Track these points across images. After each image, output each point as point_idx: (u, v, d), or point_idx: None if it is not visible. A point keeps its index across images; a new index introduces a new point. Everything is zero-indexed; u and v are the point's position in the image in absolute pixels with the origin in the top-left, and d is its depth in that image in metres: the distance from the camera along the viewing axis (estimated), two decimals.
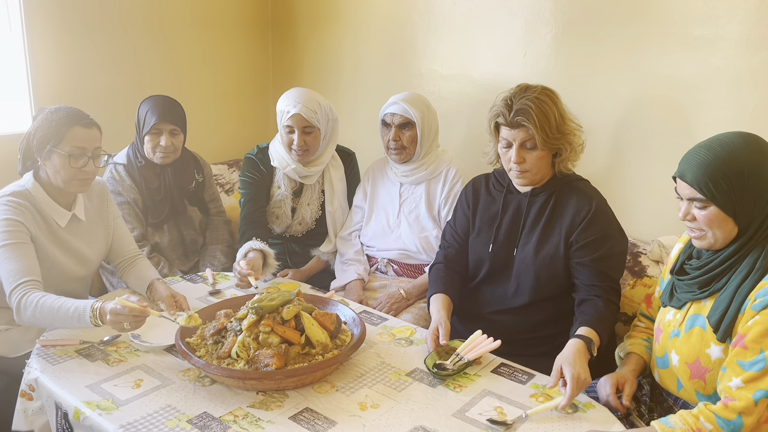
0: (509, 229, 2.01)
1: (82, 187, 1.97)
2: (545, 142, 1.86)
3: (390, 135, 2.40)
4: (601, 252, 1.89)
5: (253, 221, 2.50)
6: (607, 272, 1.89)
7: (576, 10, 2.46)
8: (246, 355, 1.61)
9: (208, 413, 1.50)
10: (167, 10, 3.13)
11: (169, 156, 2.47)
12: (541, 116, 1.83)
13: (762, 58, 2.08)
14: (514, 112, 1.85)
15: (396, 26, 3.04)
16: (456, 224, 2.16)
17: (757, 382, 1.36)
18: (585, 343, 1.71)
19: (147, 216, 2.54)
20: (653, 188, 2.37)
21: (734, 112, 2.15)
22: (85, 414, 1.48)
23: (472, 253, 2.10)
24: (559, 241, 1.93)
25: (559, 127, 1.88)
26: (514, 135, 1.87)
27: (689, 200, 1.49)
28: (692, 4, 2.18)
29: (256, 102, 3.63)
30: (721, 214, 1.44)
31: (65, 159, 1.89)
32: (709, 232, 1.47)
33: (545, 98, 1.87)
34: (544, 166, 1.93)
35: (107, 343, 1.80)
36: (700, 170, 1.44)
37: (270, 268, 2.26)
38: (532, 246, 1.96)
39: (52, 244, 1.98)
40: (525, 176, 1.93)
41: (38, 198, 1.95)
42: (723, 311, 1.45)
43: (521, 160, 1.89)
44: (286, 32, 3.52)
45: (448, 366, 1.70)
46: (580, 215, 1.91)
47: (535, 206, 1.98)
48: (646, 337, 1.78)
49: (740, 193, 1.42)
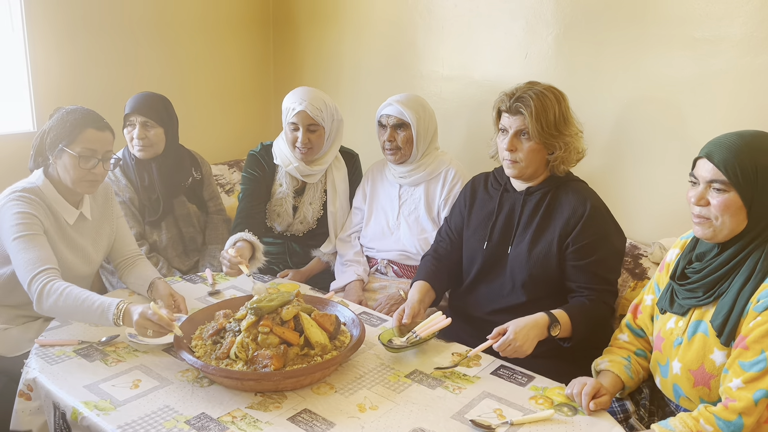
0: (504, 227, 2.02)
1: (90, 188, 2.00)
2: (539, 135, 1.87)
3: (385, 136, 2.41)
4: (597, 255, 1.88)
5: (248, 216, 2.49)
6: (602, 275, 1.89)
7: (577, 11, 2.45)
8: (245, 356, 1.60)
9: (206, 414, 1.49)
10: (169, 10, 3.13)
11: (146, 149, 2.46)
12: (539, 107, 1.86)
13: (764, 60, 2.07)
14: (515, 99, 1.89)
15: (397, 27, 3.03)
16: (451, 221, 2.18)
17: (757, 383, 1.35)
18: (547, 319, 1.76)
19: (144, 215, 2.54)
20: (654, 190, 2.37)
21: (735, 114, 2.14)
22: (83, 414, 1.48)
23: (467, 249, 2.10)
24: (552, 240, 1.92)
25: (557, 124, 1.89)
26: (511, 122, 1.90)
27: (708, 183, 1.45)
28: (694, 6, 2.18)
29: (257, 103, 3.63)
30: (738, 201, 1.42)
31: (75, 159, 1.92)
32: (719, 220, 1.44)
33: (549, 94, 1.89)
34: (537, 160, 1.93)
35: (105, 344, 1.80)
36: (731, 153, 1.42)
37: (257, 262, 2.24)
38: (526, 244, 1.95)
39: (60, 242, 2.00)
40: (515, 167, 1.94)
41: (48, 195, 1.98)
42: (726, 315, 1.44)
43: (513, 148, 1.91)
44: (287, 33, 3.52)
45: (397, 343, 1.79)
46: (575, 216, 1.90)
47: (530, 204, 1.98)
48: (626, 355, 1.71)
49: (762, 185, 1.40)
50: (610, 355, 1.72)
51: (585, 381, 1.58)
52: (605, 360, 1.70)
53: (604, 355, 1.74)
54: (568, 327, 1.79)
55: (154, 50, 3.11)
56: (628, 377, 1.65)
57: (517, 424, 1.49)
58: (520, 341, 1.69)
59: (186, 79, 3.25)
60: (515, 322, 1.74)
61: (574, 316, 1.81)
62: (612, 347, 1.76)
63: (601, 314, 1.89)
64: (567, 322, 1.79)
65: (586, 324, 1.82)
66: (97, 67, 2.91)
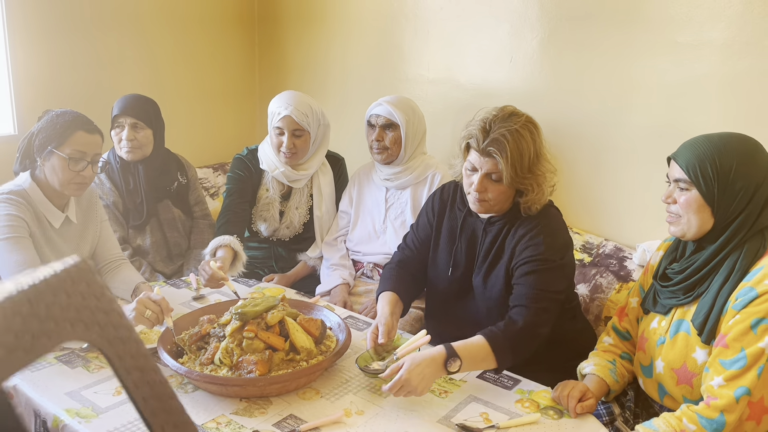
0: (467, 253, 1.91)
1: (77, 191, 1.99)
2: (512, 181, 1.71)
3: (374, 135, 2.41)
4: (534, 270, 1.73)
5: (233, 212, 2.47)
6: (541, 286, 1.72)
7: (562, 16, 2.47)
8: (229, 362, 1.59)
9: None
10: (151, 11, 3.10)
11: (135, 151, 2.44)
12: (515, 152, 1.68)
13: (745, 64, 2.09)
14: (489, 141, 1.70)
15: (383, 30, 3.03)
16: (418, 229, 2.05)
17: (738, 380, 1.37)
18: (444, 354, 1.56)
19: (128, 219, 2.51)
20: (638, 193, 2.38)
21: (718, 118, 2.16)
22: (64, 422, 1.45)
23: (434, 266, 1.98)
24: (502, 272, 1.81)
25: (531, 166, 1.73)
26: (482, 163, 1.73)
27: (675, 182, 1.53)
28: (676, 11, 2.20)
29: (241, 105, 3.61)
30: (700, 200, 1.47)
31: (65, 162, 1.91)
32: (685, 218, 1.50)
33: (525, 133, 1.71)
34: (505, 200, 1.79)
35: (87, 350, 1.77)
36: (693, 154, 1.49)
37: (236, 270, 2.22)
38: (482, 277, 1.87)
39: (45, 246, 1.98)
40: (483, 205, 1.79)
41: (35, 198, 1.97)
42: (706, 313, 1.46)
43: (483, 189, 1.75)
44: (272, 33, 3.50)
45: (375, 366, 1.66)
46: (521, 243, 1.78)
47: (490, 235, 1.86)
48: (612, 359, 1.70)
49: (723, 186, 1.45)
50: (596, 358, 1.72)
51: (571, 384, 1.58)
52: (590, 363, 1.70)
53: (590, 358, 1.74)
54: (483, 355, 1.62)
55: (137, 50, 3.08)
56: (613, 381, 1.66)
57: (503, 427, 1.48)
58: (414, 382, 1.50)
59: (169, 80, 3.22)
60: (411, 358, 1.54)
61: (495, 340, 1.63)
62: (597, 351, 1.77)
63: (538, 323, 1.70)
64: (483, 349, 1.61)
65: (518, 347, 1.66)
66: (79, 69, 2.88)
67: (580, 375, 1.72)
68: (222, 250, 2.19)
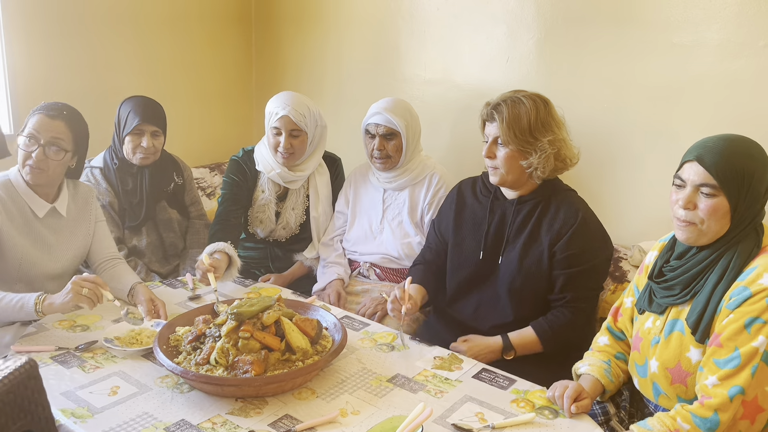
0: (495, 235, 2.01)
1: (33, 176, 1.99)
2: (513, 141, 1.88)
3: (374, 144, 2.39)
4: (579, 267, 1.91)
5: (226, 220, 2.47)
6: (582, 283, 1.92)
7: (558, 16, 2.47)
8: (225, 362, 1.59)
9: (186, 420, 1.48)
10: (148, 11, 3.10)
11: (149, 157, 2.45)
12: (512, 113, 1.87)
13: (741, 64, 2.10)
14: (491, 107, 1.92)
15: (380, 30, 3.04)
16: (440, 226, 2.17)
17: (731, 379, 1.37)
18: (501, 344, 1.92)
19: (124, 219, 2.51)
20: (634, 193, 2.39)
21: (715, 118, 2.17)
22: (60, 422, 1.45)
23: (456, 255, 2.08)
24: (543, 250, 1.92)
25: (532, 130, 1.88)
26: (489, 130, 1.93)
27: (697, 186, 1.44)
28: (672, 11, 2.21)
29: (238, 104, 3.60)
30: (726, 206, 1.42)
31: (23, 142, 1.96)
32: (705, 224, 1.44)
33: (527, 101, 1.89)
34: (515, 168, 1.92)
35: (83, 350, 1.77)
36: (722, 158, 1.41)
37: (231, 276, 2.21)
38: (516, 254, 1.95)
39: (22, 235, 2.00)
40: (496, 173, 1.95)
41: (18, 186, 2.01)
42: (700, 313, 1.46)
43: (491, 155, 1.93)
44: (269, 33, 3.50)
45: None
46: (565, 227, 1.91)
47: (521, 215, 1.97)
48: (606, 359, 1.71)
49: (746, 191, 1.42)
50: (591, 358, 1.72)
51: (566, 384, 1.58)
52: (585, 364, 1.71)
53: (585, 358, 1.74)
54: (532, 345, 1.92)
55: (134, 50, 3.08)
56: (608, 381, 1.66)
57: (498, 427, 1.49)
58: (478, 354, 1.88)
59: (165, 80, 3.22)
60: (473, 340, 1.92)
61: (543, 332, 1.92)
62: (593, 351, 1.77)
63: (578, 323, 1.93)
64: (533, 341, 1.92)
65: (560, 338, 1.92)
66: (76, 69, 2.88)
67: (576, 375, 1.73)
68: (218, 255, 2.18)
